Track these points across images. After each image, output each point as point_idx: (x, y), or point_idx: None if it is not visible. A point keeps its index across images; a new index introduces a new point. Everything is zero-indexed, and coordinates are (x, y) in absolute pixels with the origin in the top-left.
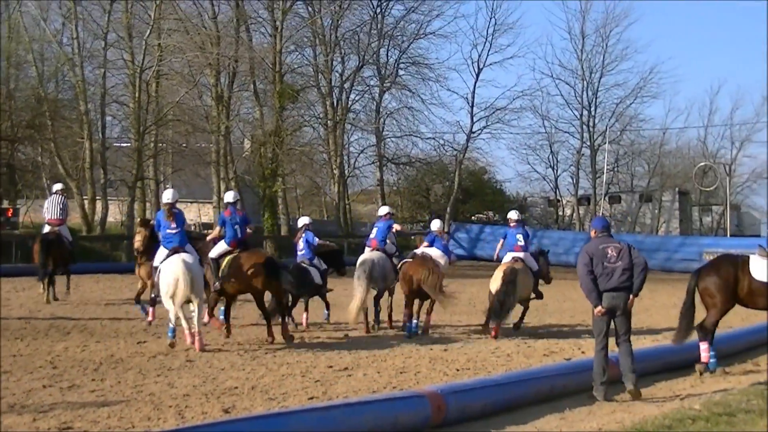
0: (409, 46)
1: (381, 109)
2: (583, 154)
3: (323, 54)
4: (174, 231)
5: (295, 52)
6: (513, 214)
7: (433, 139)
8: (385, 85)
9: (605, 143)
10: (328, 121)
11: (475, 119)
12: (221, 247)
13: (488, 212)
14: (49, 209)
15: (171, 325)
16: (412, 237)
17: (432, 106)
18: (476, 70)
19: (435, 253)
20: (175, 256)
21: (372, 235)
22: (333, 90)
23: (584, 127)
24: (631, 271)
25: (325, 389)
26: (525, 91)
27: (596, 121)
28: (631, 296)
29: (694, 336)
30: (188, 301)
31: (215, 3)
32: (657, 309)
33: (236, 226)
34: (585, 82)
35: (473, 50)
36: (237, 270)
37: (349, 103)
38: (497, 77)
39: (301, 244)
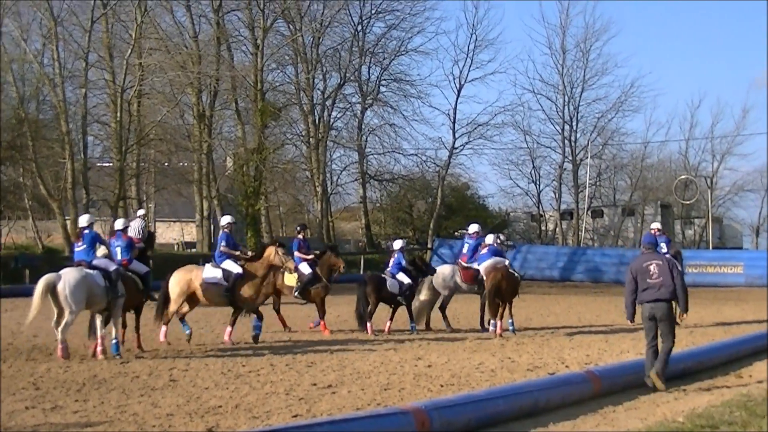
0: (390, 63)
1: (363, 126)
2: (565, 169)
3: (305, 72)
4: (80, 248)
5: (277, 70)
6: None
7: (416, 155)
8: (366, 102)
9: (587, 158)
10: (311, 139)
11: (457, 135)
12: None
13: None
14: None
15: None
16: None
17: (414, 122)
18: (458, 86)
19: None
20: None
21: (464, 251)
22: (315, 107)
23: (566, 141)
24: (670, 287)
25: (309, 407)
26: (506, 106)
27: (578, 135)
28: (682, 313)
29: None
30: (101, 311)
31: (196, 22)
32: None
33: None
34: (566, 97)
35: (454, 66)
36: None
37: (331, 120)
38: (479, 93)
39: (391, 262)
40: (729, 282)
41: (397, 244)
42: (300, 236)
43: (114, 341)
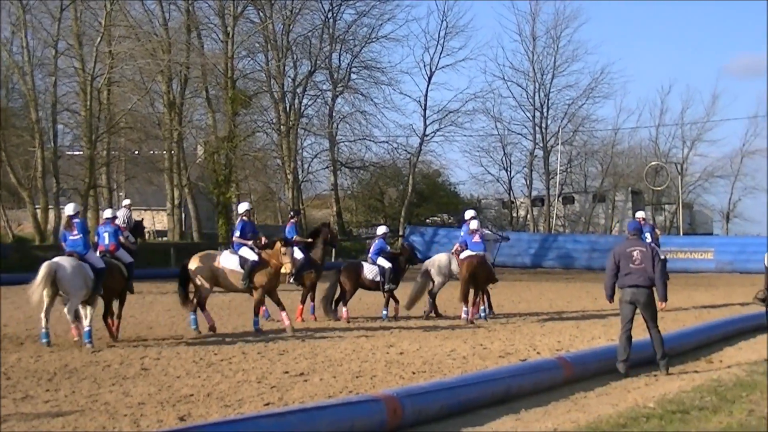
0: (361, 50)
1: (334, 114)
2: (536, 156)
3: (275, 59)
4: (75, 237)
5: (247, 58)
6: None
7: (387, 142)
8: (337, 89)
9: (558, 144)
10: (281, 127)
11: (428, 122)
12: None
13: (443, 215)
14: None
15: (43, 330)
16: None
17: (385, 109)
18: (428, 73)
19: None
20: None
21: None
22: (285, 95)
23: (537, 128)
24: (651, 274)
25: (281, 395)
26: (477, 93)
27: (548, 122)
28: (661, 301)
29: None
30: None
31: (166, 9)
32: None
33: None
34: (537, 84)
35: (425, 53)
36: None
37: (302, 107)
38: (449, 80)
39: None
40: (700, 267)
41: (380, 230)
42: (293, 221)
43: (87, 329)
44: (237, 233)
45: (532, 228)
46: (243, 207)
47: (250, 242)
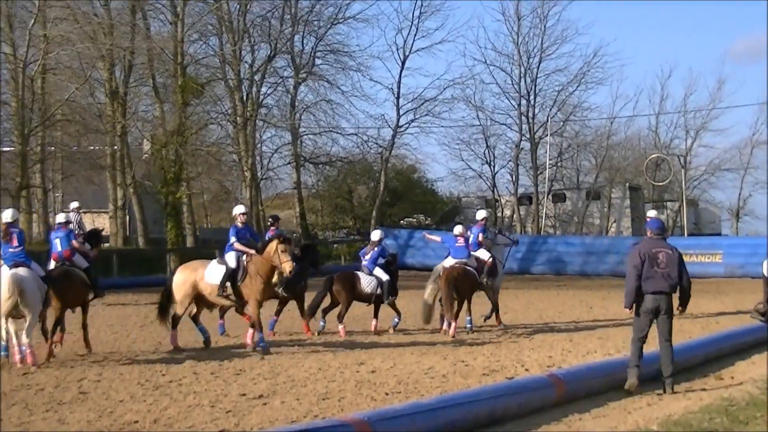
0: (326, 33)
1: (296, 103)
2: (522, 148)
3: (230, 43)
4: (16, 249)
5: (199, 41)
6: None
7: (356, 135)
8: (300, 76)
9: (547, 135)
10: (238, 118)
11: (401, 112)
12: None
13: (419, 215)
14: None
15: (2, 343)
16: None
17: (353, 98)
18: (402, 58)
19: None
20: (5, 269)
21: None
22: (242, 83)
23: (523, 118)
24: (675, 279)
25: (238, 420)
26: (456, 79)
27: (536, 111)
28: (680, 307)
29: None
30: (20, 316)
31: None
32: (610, 318)
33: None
34: (522, 68)
35: (398, 35)
36: None
37: (261, 97)
38: (425, 65)
39: (368, 255)
40: (707, 272)
41: (376, 235)
42: (274, 228)
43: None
44: (232, 239)
45: (518, 229)
46: (238, 209)
47: (251, 250)
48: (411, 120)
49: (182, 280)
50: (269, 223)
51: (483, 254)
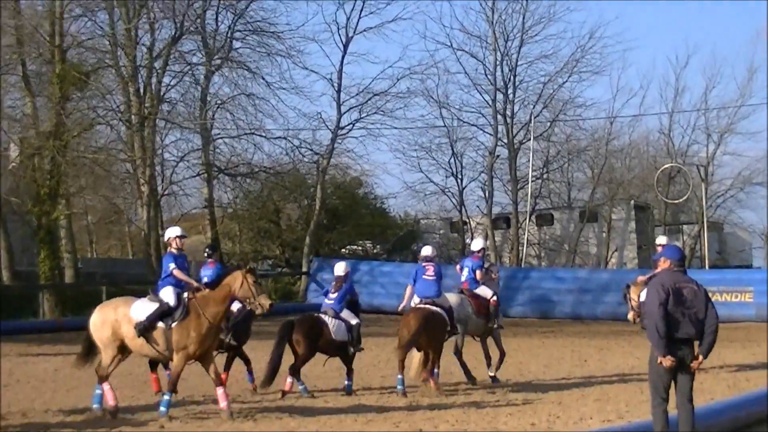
0: (247, 8)
1: (208, 98)
2: (498, 156)
3: (124, 20)
4: None
5: (83, 18)
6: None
7: (285, 138)
8: (213, 63)
9: (529, 140)
10: (132, 116)
11: (343, 109)
12: None
13: (365, 242)
14: None
15: None
16: None
17: (282, 91)
18: (344, 40)
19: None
20: None
21: (462, 277)
22: (139, 71)
23: (499, 117)
24: (701, 323)
25: None
26: (414, 68)
27: (516, 108)
28: (699, 355)
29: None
30: None
31: None
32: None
33: None
34: (499, 54)
35: (339, 11)
36: None
37: (163, 89)
38: (374, 48)
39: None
40: (734, 314)
41: (339, 268)
42: (212, 261)
43: None
44: (171, 267)
45: (493, 259)
46: (173, 231)
47: (194, 283)
48: (356, 119)
49: (100, 321)
50: (206, 255)
51: (485, 291)
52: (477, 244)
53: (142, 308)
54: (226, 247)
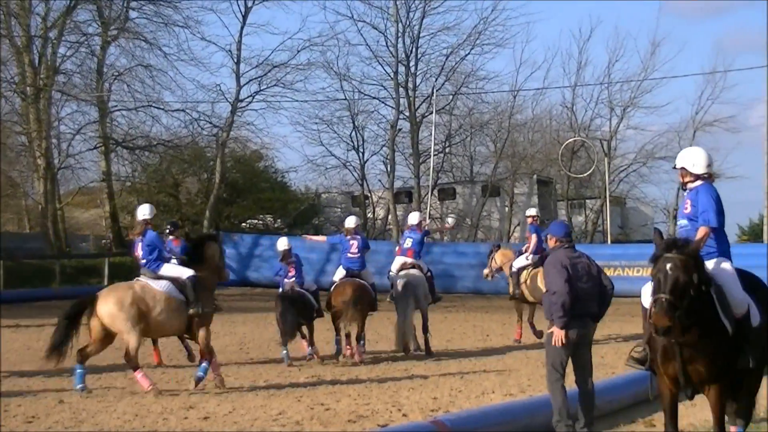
0: None
1: (105, 69)
2: (400, 129)
3: None
4: None
5: None
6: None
7: (183, 111)
8: (110, 33)
9: (431, 113)
10: (27, 88)
11: (243, 81)
12: None
13: (265, 217)
14: None
15: None
16: None
17: (180, 63)
18: (243, 10)
19: None
20: None
21: (407, 245)
22: (33, 41)
23: (401, 90)
24: (596, 299)
25: None
26: (314, 39)
27: (418, 81)
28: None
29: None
30: None
31: None
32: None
33: None
34: (400, 26)
35: None
36: None
37: (58, 60)
38: (274, 19)
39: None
40: (636, 289)
41: (282, 243)
42: (173, 239)
43: None
44: (155, 250)
45: (394, 234)
46: (145, 209)
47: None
48: (255, 92)
49: (126, 302)
50: (168, 231)
51: (423, 266)
52: (414, 217)
53: (159, 284)
54: (124, 221)
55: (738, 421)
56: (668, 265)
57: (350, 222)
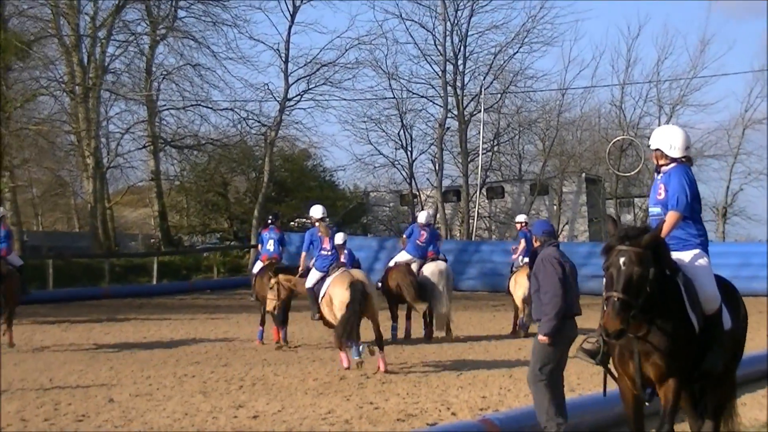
0: None
1: (153, 69)
2: (448, 128)
3: None
4: None
5: None
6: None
7: (232, 110)
8: (158, 32)
9: (479, 111)
10: (76, 87)
11: (291, 80)
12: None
13: None
14: None
15: None
16: None
17: (228, 62)
18: (291, 9)
19: None
20: None
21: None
22: (82, 41)
23: (449, 88)
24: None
25: None
26: (362, 38)
27: (466, 79)
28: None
29: None
30: None
31: None
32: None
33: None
34: (449, 24)
35: None
36: None
37: (107, 60)
38: (322, 18)
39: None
40: None
41: (339, 237)
42: (273, 227)
43: None
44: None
45: (444, 233)
46: (318, 211)
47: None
48: (303, 90)
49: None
50: (270, 221)
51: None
52: (423, 216)
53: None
54: (173, 220)
55: None
56: (621, 260)
57: (422, 217)
